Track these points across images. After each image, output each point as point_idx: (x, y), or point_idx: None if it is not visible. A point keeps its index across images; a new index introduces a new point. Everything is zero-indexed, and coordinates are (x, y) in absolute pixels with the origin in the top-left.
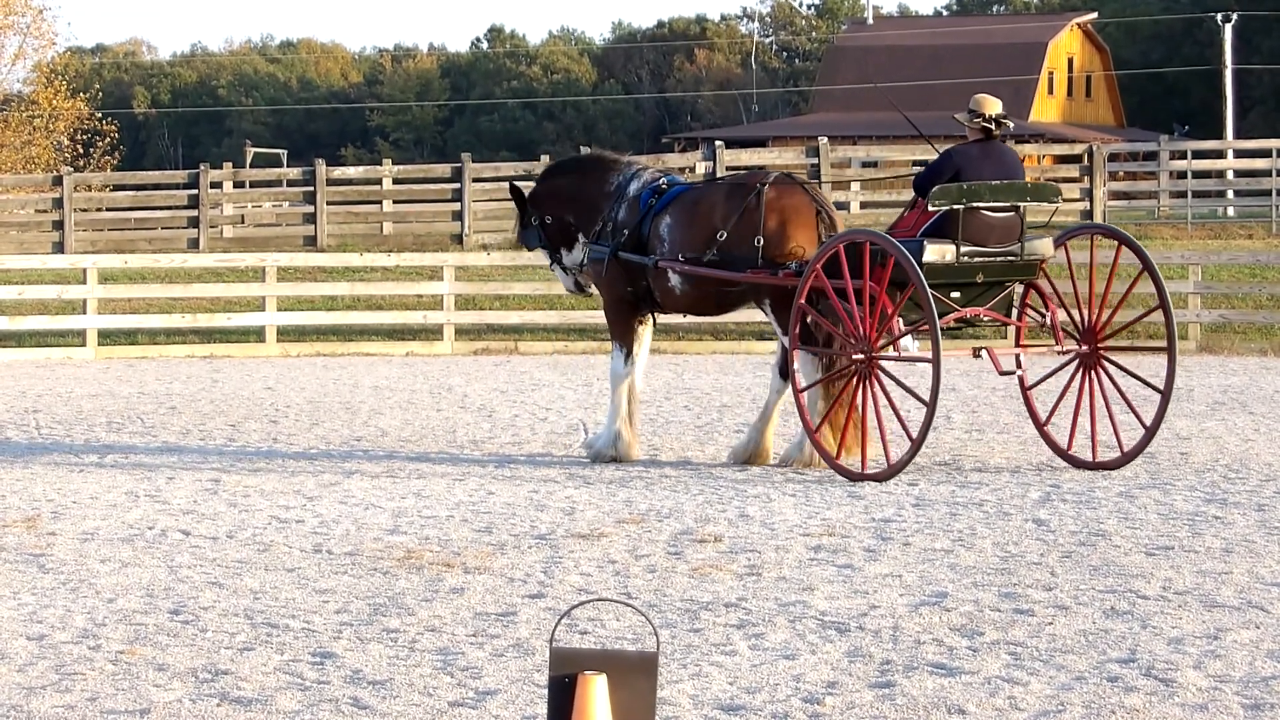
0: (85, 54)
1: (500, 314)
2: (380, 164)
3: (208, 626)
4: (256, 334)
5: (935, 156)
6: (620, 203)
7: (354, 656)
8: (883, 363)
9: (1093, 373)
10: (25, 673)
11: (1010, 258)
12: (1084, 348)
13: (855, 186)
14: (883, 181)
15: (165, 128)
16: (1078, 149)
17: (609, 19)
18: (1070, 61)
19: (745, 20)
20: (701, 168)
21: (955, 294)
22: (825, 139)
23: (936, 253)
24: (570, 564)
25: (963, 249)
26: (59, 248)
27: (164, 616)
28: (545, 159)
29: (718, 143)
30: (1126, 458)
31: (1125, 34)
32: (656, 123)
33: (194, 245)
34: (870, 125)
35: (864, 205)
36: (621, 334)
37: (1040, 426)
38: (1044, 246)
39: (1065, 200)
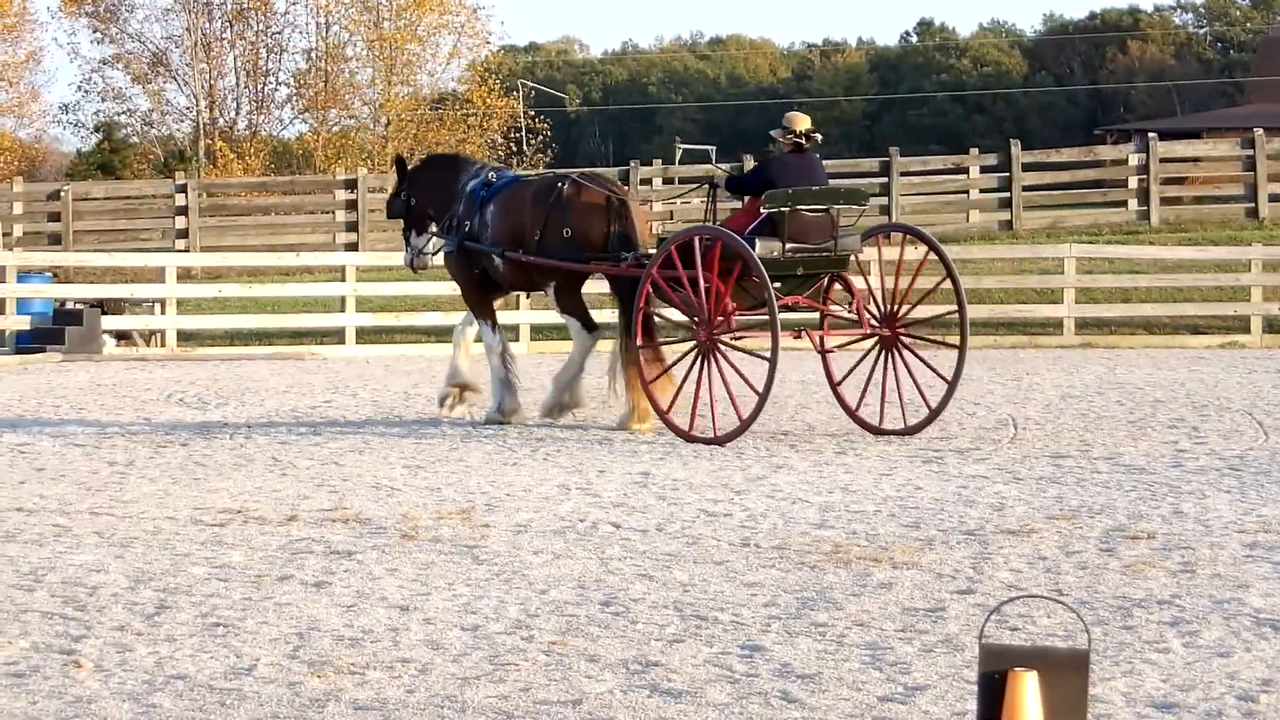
0: (518, 52)
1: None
2: None
3: (638, 618)
4: None
5: None
6: (461, 200)
7: (782, 650)
8: (722, 339)
9: (891, 353)
10: (460, 663)
11: (825, 252)
12: (885, 331)
13: None
14: None
15: (596, 125)
16: None
17: (1040, 10)
18: None
19: (1179, 11)
20: (1134, 160)
21: (778, 284)
22: (1260, 130)
23: (765, 248)
24: (1000, 560)
25: (787, 245)
26: None
27: (595, 608)
28: (974, 152)
29: (1151, 135)
30: (911, 429)
31: None
32: (1088, 115)
33: None
34: None
35: None
36: (480, 309)
37: (834, 386)
38: (853, 243)
39: None
